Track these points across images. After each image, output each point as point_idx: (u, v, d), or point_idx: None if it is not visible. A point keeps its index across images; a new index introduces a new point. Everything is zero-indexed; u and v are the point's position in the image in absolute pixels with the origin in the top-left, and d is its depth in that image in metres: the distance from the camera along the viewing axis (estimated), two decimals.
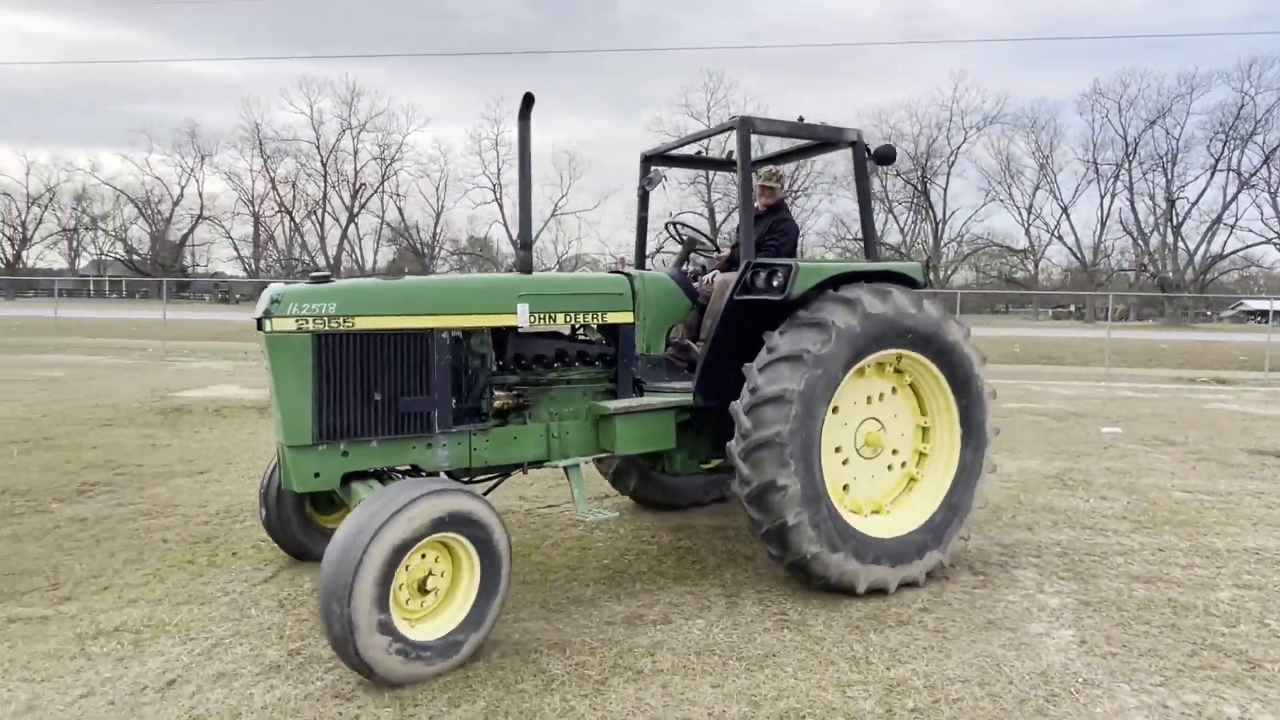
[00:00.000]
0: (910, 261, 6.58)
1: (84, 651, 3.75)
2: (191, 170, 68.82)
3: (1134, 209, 64.01)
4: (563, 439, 4.56)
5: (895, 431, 4.88)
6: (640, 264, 6.17)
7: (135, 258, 70.55)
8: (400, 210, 69.53)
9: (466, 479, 4.46)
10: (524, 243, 4.46)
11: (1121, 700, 3.41)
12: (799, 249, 5.85)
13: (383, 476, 4.12)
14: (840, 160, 65.36)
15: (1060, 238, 67.00)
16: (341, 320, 3.81)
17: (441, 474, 4.19)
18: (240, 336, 25.22)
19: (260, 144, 66.46)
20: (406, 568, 3.38)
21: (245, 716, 3.20)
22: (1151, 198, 63.36)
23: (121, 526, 5.70)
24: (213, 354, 20.68)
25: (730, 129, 4.75)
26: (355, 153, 68.26)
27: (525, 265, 4.43)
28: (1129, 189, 63.50)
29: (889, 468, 4.91)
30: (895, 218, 66.48)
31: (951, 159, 65.17)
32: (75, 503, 6.36)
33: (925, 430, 4.97)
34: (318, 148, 67.35)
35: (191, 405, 11.44)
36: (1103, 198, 65.51)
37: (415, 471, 4.22)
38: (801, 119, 5.15)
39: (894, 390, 4.90)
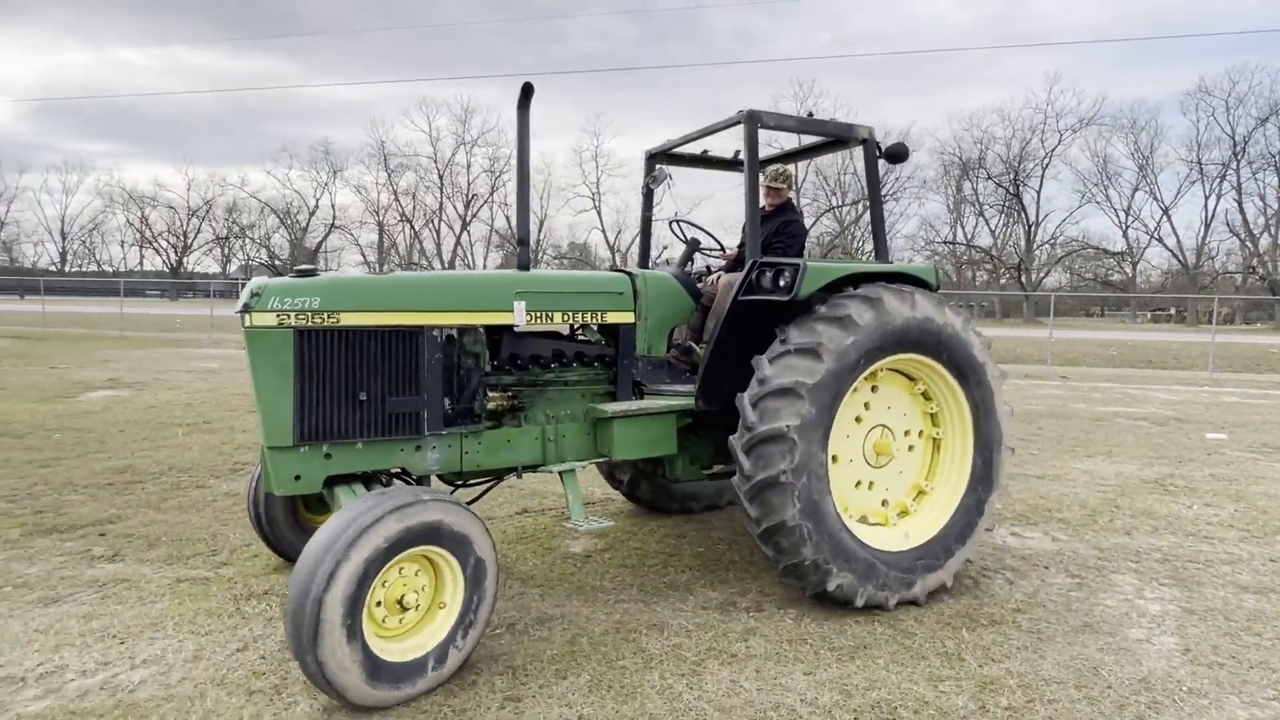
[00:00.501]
0: (924, 264, 6.02)
1: (239, 610, 4.03)
2: (325, 184, 72.99)
3: (1242, 210, 58.93)
4: (559, 443, 4.14)
5: (906, 441, 4.43)
6: (644, 264, 5.70)
7: (277, 263, 75.04)
8: (508, 218, 71.45)
9: (460, 483, 4.17)
10: (521, 239, 4.02)
11: (1231, 712, 3.16)
12: (806, 251, 5.29)
13: (369, 480, 3.73)
14: (929, 164, 63.01)
15: (1160, 239, 62.42)
16: (326, 316, 3.43)
17: (432, 478, 3.91)
18: None
19: (385, 159, 69.70)
20: (384, 584, 3.05)
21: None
22: (1262, 198, 58.16)
23: None
24: None
25: (737, 123, 4.31)
26: (468, 166, 70.66)
27: (523, 262, 4.05)
28: (1236, 189, 58.50)
29: (899, 474, 4.43)
30: (986, 220, 63.62)
31: (1046, 161, 61.72)
32: (229, 479, 6.83)
33: (936, 442, 4.51)
34: (435, 162, 70.12)
35: None
36: (1207, 198, 60.58)
37: (404, 475, 3.86)
38: (811, 114, 4.73)
39: (910, 397, 4.46)
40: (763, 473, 3.70)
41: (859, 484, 4.30)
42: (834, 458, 4.05)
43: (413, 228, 72.27)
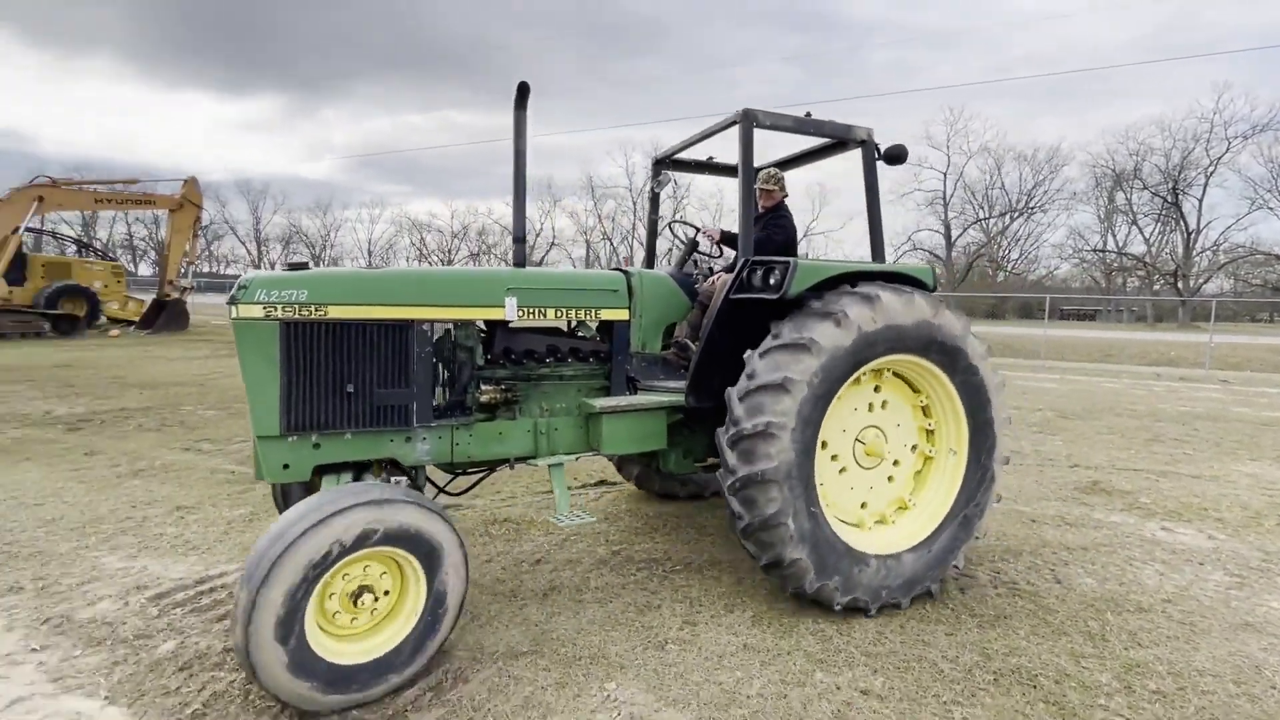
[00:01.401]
0: (920, 264, 4.20)
1: (487, 532, 4.44)
2: (548, 211, 78.35)
3: None
4: (551, 436, 3.62)
5: (897, 444, 3.69)
6: (650, 265, 5.06)
7: None
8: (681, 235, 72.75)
9: (456, 473, 3.69)
10: (517, 237, 3.53)
11: None
12: (799, 251, 4.54)
13: (361, 469, 3.24)
14: (1079, 175, 55.24)
15: None
16: (313, 309, 3.00)
17: (416, 472, 3.44)
18: None
19: (592, 190, 73.26)
20: (344, 576, 2.55)
21: (584, 591, 3.57)
22: None
23: None
24: None
25: (734, 124, 3.69)
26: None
27: (519, 259, 3.57)
28: None
29: (889, 480, 3.71)
30: (1140, 229, 54.67)
31: (1210, 169, 51.80)
32: None
33: (928, 460, 3.78)
34: (630, 190, 72.65)
35: None
36: None
37: (394, 465, 3.37)
38: (809, 114, 3.90)
39: (904, 401, 3.71)
40: (747, 468, 3.13)
41: (848, 483, 3.61)
42: (832, 455, 3.51)
43: (613, 245, 75.58)
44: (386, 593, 2.65)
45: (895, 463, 3.68)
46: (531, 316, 3.49)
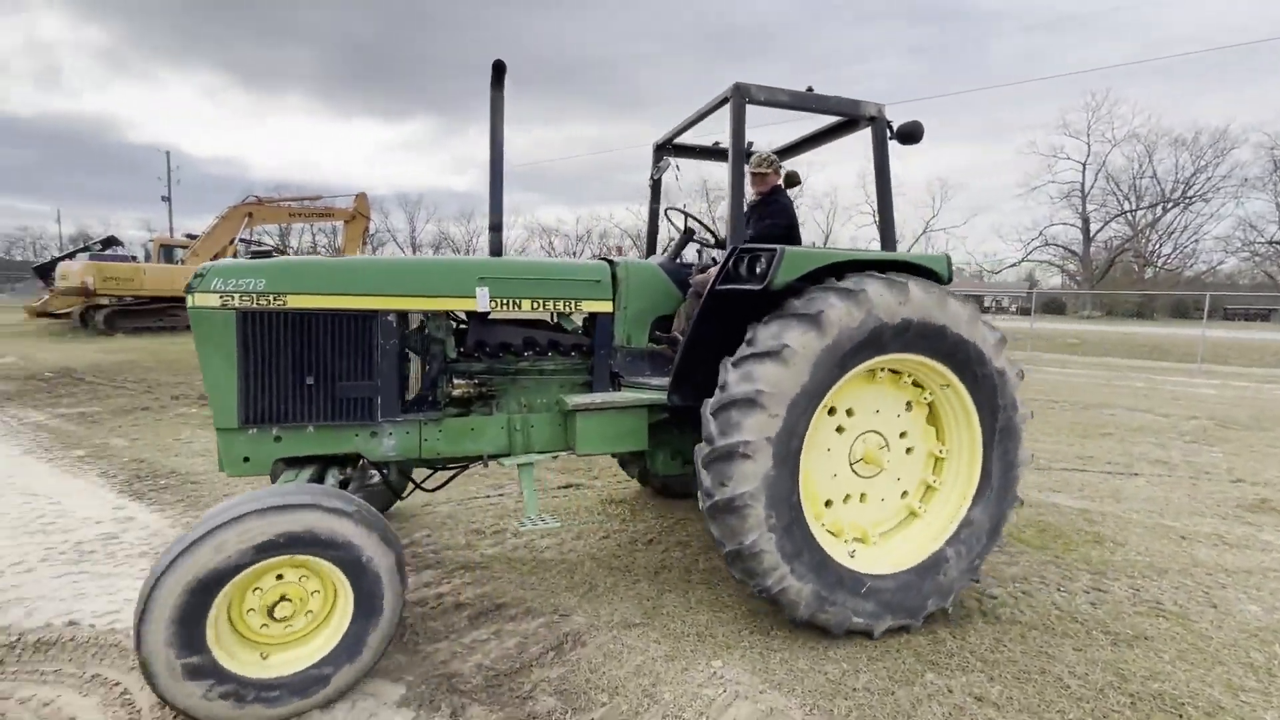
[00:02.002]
0: (938, 253, 3.40)
1: (605, 511, 4.58)
2: (665, 213, 79.19)
3: None
4: (526, 433, 3.27)
5: (902, 451, 3.21)
6: (651, 253, 4.65)
7: None
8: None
9: (438, 468, 3.45)
10: (493, 225, 3.21)
11: None
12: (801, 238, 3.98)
13: (329, 464, 3.02)
14: (1252, 160, 47.32)
15: None
16: (272, 298, 2.79)
17: (390, 468, 3.28)
18: None
19: (706, 192, 72.95)
20: (257, 591, 2.28)
21: (693, 572, 3.60)
22: None
23: None
24: None
25: (727, 101, 3.21)
26: None
27: (495, 248, 3.26)
28: None
29: (897, 493, 3.23)
30: None
31: None
32: None
33: (939, 457, 3.27)
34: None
35: None
36: None
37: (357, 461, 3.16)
38: (810, 89, 3.36)
39: (909, 406, 3.21)
40: (721, 493, 2.72)
41: (848, 498, 3.15)
42: (833, 473, 3.10)
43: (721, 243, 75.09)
44: (301, 599, 2.34)
45: (903, 435, 3.21)
46: (506, 307, 3.19)
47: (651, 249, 4.72)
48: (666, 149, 4.36)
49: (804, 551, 2.80)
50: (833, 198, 68.55)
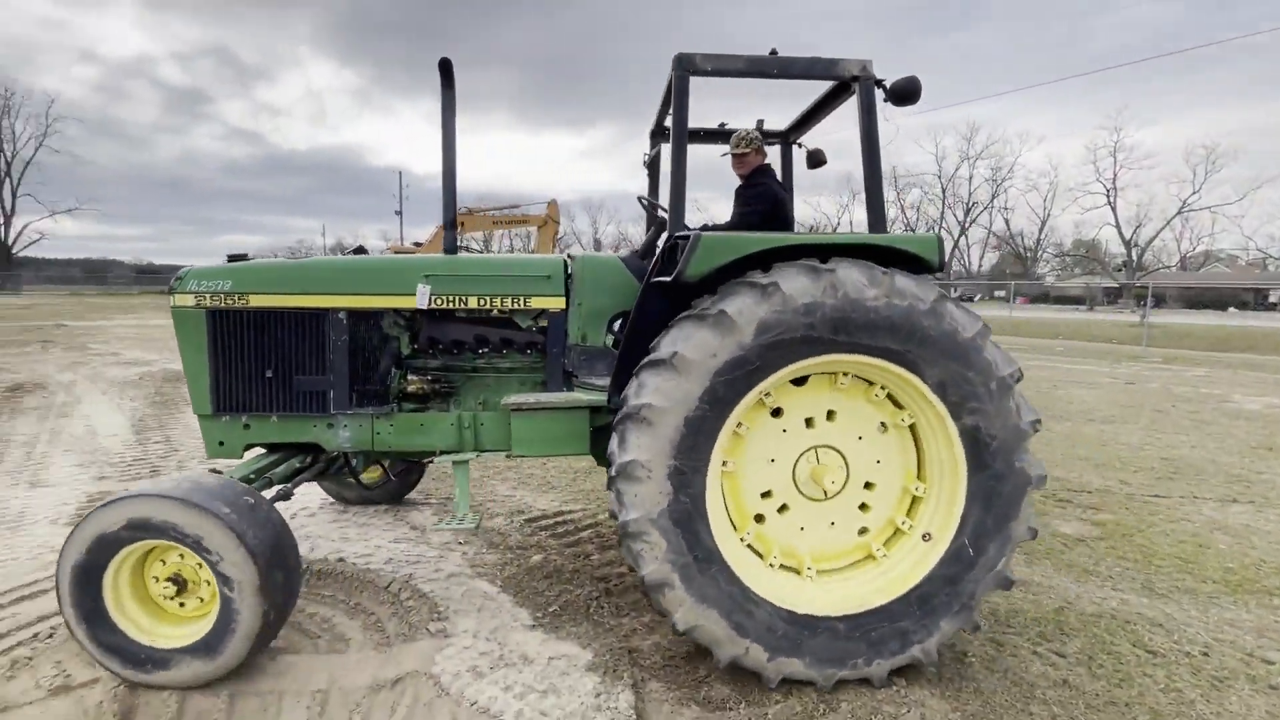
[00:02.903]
0: (924, 234, 2.75)
1: None
2: (846, 205, 74.92)
3: None
4: (476, 430, 3.17)
5: (860, 481, 2.66)
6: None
7: None
8: (1006, 221, 62.26)
9: (427, 460, 3.43)
10: (447, 222, 3.18)
11: None
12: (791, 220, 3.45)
13: (293, 450, 3.25)
14: None
15: None
16: (236, 298, 3.02)
17: (358, 459, 3.36)
18: None
19: (894, 180, 67.63)
20: (160, 562, 2.51)
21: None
22: None
23: None
24: None
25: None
26: (970, 178, 63.62)
27: (449, 245, 3.23)
28: None
29: (854, 527, 2.69)
30: None
31: None
32: None
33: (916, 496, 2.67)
34: (939, 178, 65.11)
35: None
36: None
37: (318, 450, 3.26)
38: (774, 51, 2.82)
39: (883, 426, 2.64)
40: (620, 515, 2.43)
41: (801, 526, 2.67)
42: (764, 492, 2.64)
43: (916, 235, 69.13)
44: (194, 583, 2.52)
45: (868, 486, 2.68)
46: (450, 304, 3.16)
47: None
48: (663, 135, 3.91)
49: (720, 586, 2.44)
50: (1051, 178, 59.45)
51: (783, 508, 2.64)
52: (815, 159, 3.59)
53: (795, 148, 3.71)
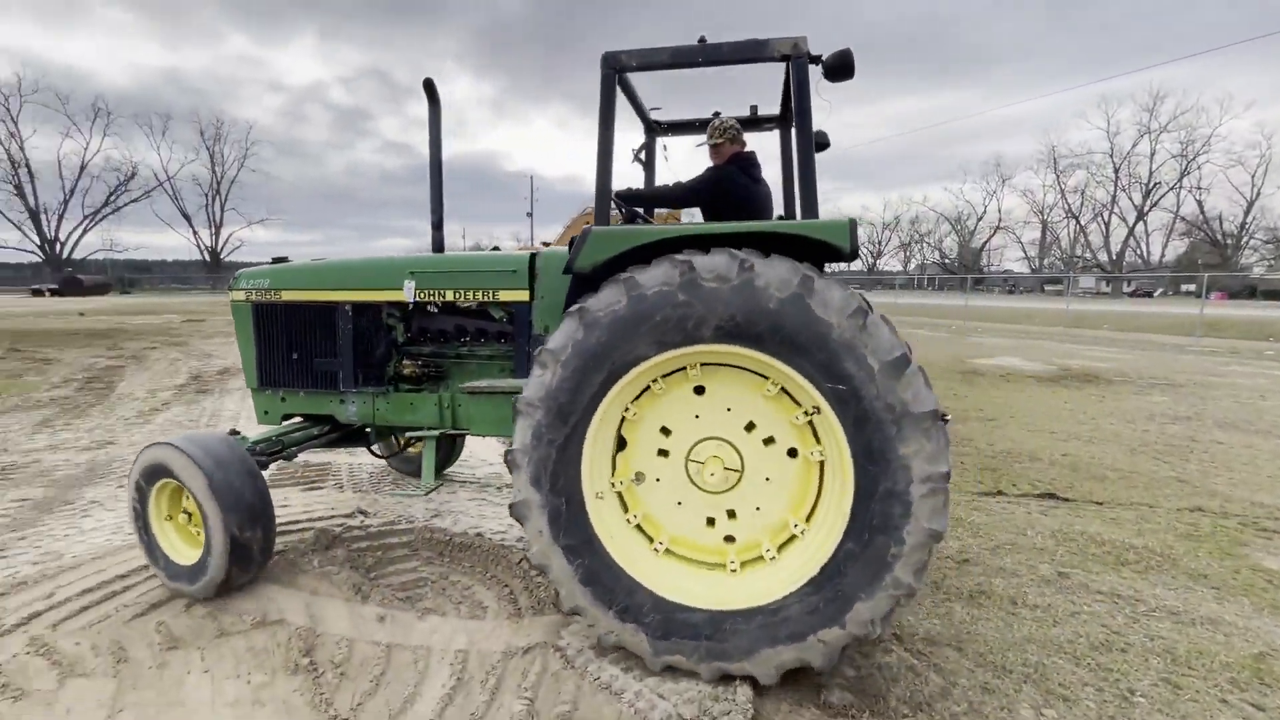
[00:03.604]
0: (834, 220, 2.22)
1: None
2: (994, 192, 68.02)
3: None
4: (455, 410, 3.53)
5: (755, 435, 2.49)
6: None
7: (946, 261, 73.95)
8: (1199, 203, 53.20)
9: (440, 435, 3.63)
10: (434, 223, 3.65)
11: None
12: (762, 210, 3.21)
13: (319, 421, 3.79)
14: None
15: None
16: (272, 293, 3.66)
17: (373, 431, 3.79)
18: (1023, 320, 23.80)
19: (1054, 162, 60.29)
20: (183, 504, 3.15)
21: (1019, 605, 3.14)
22: None
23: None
24: (1000, 333, 20.16)
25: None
26: (1151, 154, 55.03)
27: (436, 244, 3.69)
28: None
29: (755, 509, 2.53)
30: None
31: None
32: None
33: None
34: (1111, 156, 56.98)
35: (983, 370, 11.48)
36: None
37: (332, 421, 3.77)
38: (702, 39, 2.73)
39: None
40: (512, 499, 2.57)
41: (689, 516, 2.61)
42: (639, 475, 2.62)
43: (1078, 223, 60.93)
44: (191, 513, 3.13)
45: (768, 480, 2.51)
46: (432, 298, 3.49)
47: None
48: (658, 128, 3.94)
49: (598, 571, 2.51)
50: (1262, 150, 49.91)
51: (658, 480, 2.62)
52: (819, 142, 3.51)
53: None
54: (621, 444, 2.63)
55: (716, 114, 3.67)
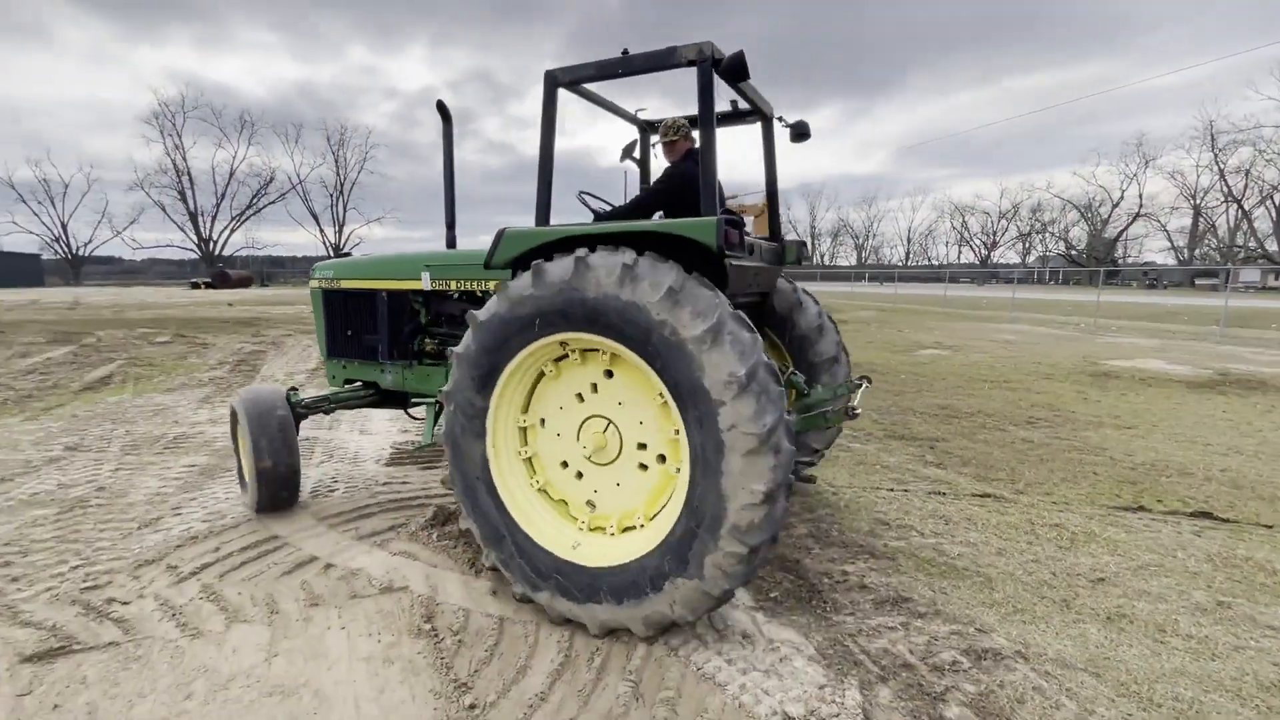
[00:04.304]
0: (703, 220, 2.33)
1: (1033, 531, 3.97)
2: (1134, 175, 60.77)
3: None
4: None
5: (636, 431, 2.76)
6: None
7: (1072, 252, 67.37)
8: None
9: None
10: (448, 224, 4.41)
11: None
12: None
13: (368, 385, 4.54)
14: None
15: None
16: (335, 282, 4.47)
17: (411, 399, 4.47)
18: (1168, 318, 21.27)
19: (1212, 139, 53.02)
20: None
21: (1168, 634, 2.83)
22: None
23: (1060, 454, 5.72)
24: (1139, 331, 18.14)
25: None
26: None
27: (449, 242, 4.41)
28: None
29: (616, 486, 2.84)
30: None
31: None
32: (1024, 428, 6.68)
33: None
34: None
35: (1118, 372, 10.39)
36: None
37: (375, 387, 4.52)
38: (625, 51, 2.87)
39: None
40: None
41: (592, 487, 2.91)
42: (542, 420, 2.97)
43: (1241, 208, 53.31)
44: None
45: (633, 471, 2.83)
46: (445, 287, 4.00)
47: None
48: (649, 126, 4.32)
49: (518, 554, 2.84)
50: None
51: (579, 474, 2.92)
52: (798, 131, 3.69)
53: (777, 122, 3.78)
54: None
55: (734, 103, 3.86)
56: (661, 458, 2.72)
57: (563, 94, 3.11)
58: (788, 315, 4.11)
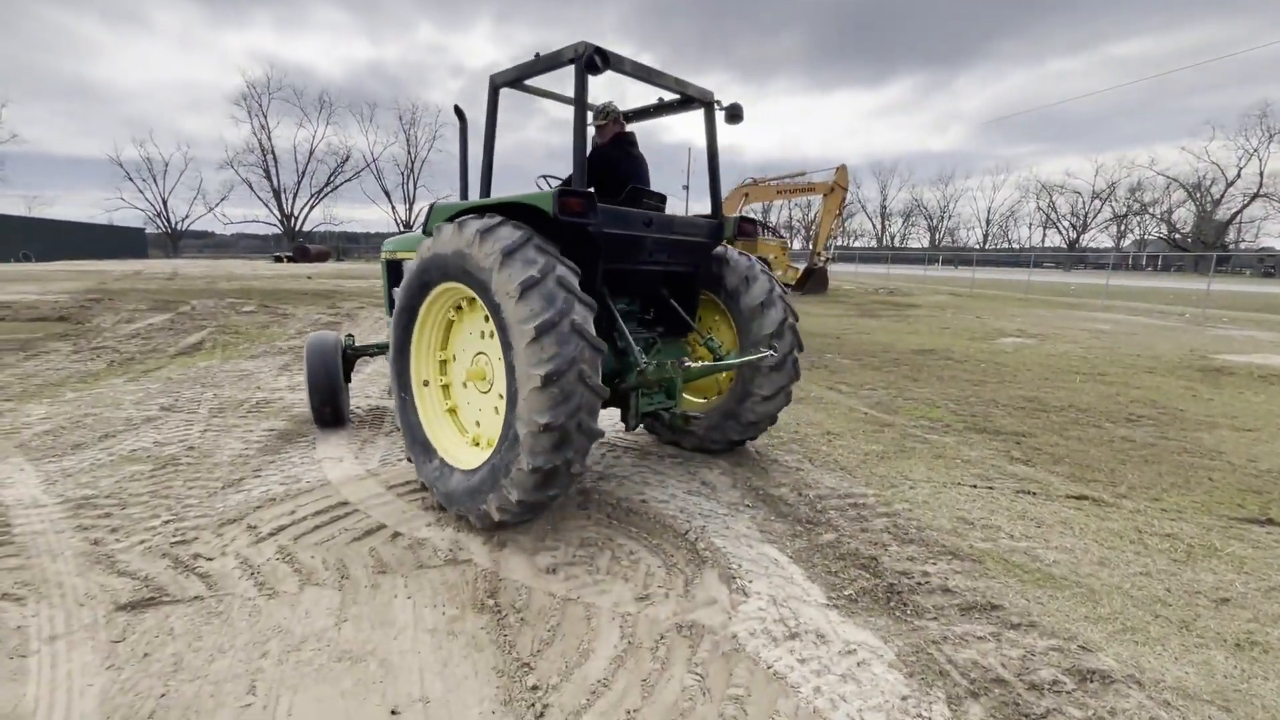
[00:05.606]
0: (544, 192, 3.21)
1: (1141, 540, 3.61)
2: (1254, 151, 54.75)
3: None
4: None
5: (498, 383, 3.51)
6: None
7: (1175, 236, 61.87)
8: None
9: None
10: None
11: None
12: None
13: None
14: None
15: None
16: (392, 254, 5.30)
17: None
18: None
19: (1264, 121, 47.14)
20: None
21: None
22: None
23: (1168, 456, 5.20)
24: (1256, 324, 16.46)
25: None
26: None
27: None
28: None
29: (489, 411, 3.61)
30: None
31: None
32: (1124, 426, 6.13)
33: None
34: None
35: (1233, 368, 9.42)
36: None
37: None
38: (537, 55, 3.53)
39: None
40: None
41: (479, 410, 3.69)
42: (454, 355, 3.79)
43: None
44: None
45: (494, 401, 3.56)
46: None
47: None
48: (631, 115, 4.66)
49: (438, 466, 3.60)
50: None
51: (469, 402, 3.72)
52: (733, 113, 4.08)
53: (715, 107, 4.13)
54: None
55: (660, 99, 4.36)
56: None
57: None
58: (736, 288, 4.48)
